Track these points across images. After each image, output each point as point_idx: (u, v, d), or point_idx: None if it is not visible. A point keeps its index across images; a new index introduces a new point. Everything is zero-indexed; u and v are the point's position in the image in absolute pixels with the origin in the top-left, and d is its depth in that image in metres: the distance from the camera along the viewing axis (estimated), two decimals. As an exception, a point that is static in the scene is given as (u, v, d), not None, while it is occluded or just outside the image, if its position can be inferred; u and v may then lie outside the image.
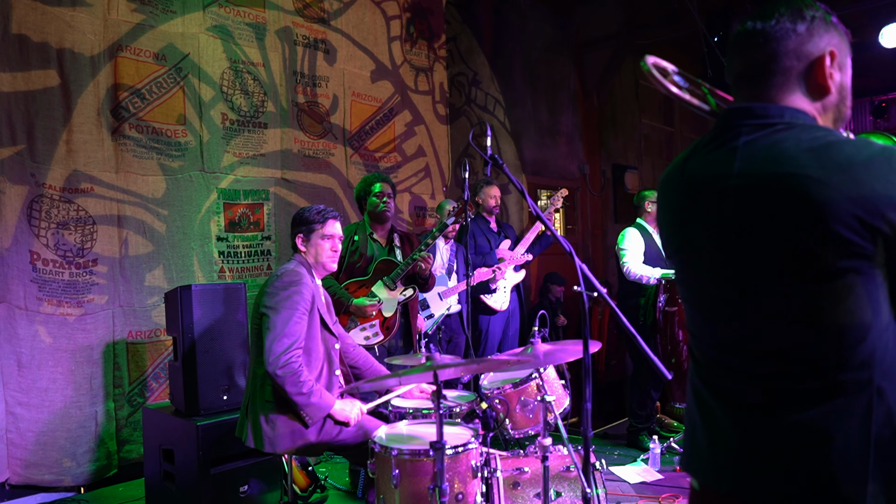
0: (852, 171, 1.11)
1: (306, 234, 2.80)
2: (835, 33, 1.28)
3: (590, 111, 7.69)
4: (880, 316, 1.15)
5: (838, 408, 1.14)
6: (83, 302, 3.80)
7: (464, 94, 6.37)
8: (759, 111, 1.26)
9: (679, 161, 1.40)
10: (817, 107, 1.28)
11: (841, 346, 1.15)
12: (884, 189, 1.10)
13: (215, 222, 4.42)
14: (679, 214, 1.36)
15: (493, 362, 2.29)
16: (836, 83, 1.28)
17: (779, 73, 1.27)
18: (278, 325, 2.56)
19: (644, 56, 1.43)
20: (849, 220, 1.10)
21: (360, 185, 4.11)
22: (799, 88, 1.27)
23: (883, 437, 1.13)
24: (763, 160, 1.20)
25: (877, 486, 1.12)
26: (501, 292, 4.91)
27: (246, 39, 4.59)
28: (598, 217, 7.86)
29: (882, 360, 1.14)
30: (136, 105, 4.04)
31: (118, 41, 3.97)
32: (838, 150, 1.14)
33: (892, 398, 1.14)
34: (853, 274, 1.13)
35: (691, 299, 1.39)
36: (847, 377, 1.14)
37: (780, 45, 1.27)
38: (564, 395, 3.10)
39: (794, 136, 1.19)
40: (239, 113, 4.54)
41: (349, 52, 5.27)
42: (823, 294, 1.15)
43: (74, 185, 3.79)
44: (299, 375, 2.54)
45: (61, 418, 3.71)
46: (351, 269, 3.90)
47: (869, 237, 1.10)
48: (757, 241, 1.20)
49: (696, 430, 1.36)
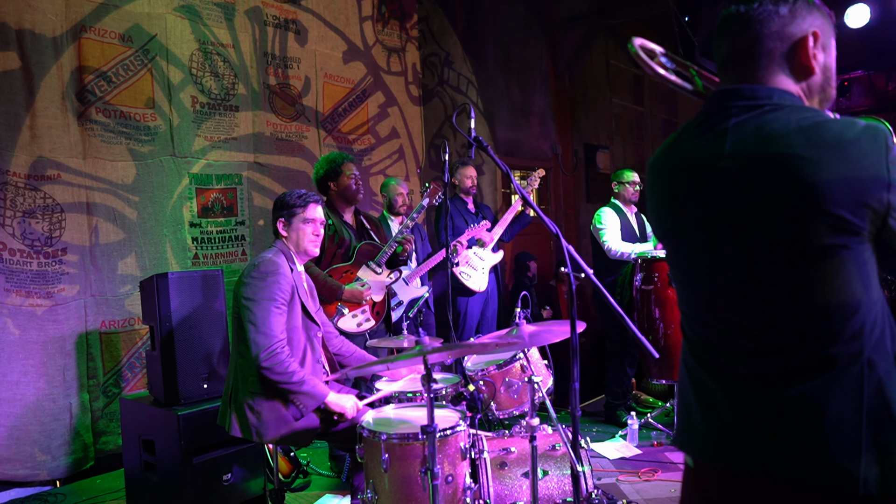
0: (841, 149, 1.14)
1: (287, 219, 2.75)
2: (817, 14, 1.30)
3: (562, 91, 7.69)
4: (870, 290, 1.19)
5: (831, 381, 1.17)
6: (53, 293, 3.70)
7: (436, 75, 6.31)
8: (747, 92, 1.28)
9: (668, 144, 1.41)
10: (802, 87, 1.31)
11: (832, 320, 1.18)
12: (871, 165, 1.13)
13: (188, 208, 4.33)
14: (671, 196, 1.37)
15: (481, 345, 2.29)
16: (819, 64, 1.30)
17: (763, 55, 1.29)
18: (259, 317, 2.53)
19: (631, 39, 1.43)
20: (841, 199, 1.12)
21: (325, 165, 3.87)
22: (783, 70, 1.29)
23: (874, 407, 1.16)
24: (754, 141, 1.22)
25: (870, 455, 1.15)
26: (480, 273, 4.91)
27: (215, 20, 4.47)
28: (571, 197, 7.89)
29: (871, 333, 1.18)
30: (102, 88, 3.91)
31: (81, 21, 3.83)
32: (827, 129, 1.16)
33: (882, 370, 1.18)
34: (844, 250, 1.16)
35: (684, 280, 1.40)
36: (839, 350, 1.18)
37: (764, 28, 1.28)
38: (548, 374, 3.12)
39: (784, 116, 1.21)
40: (209, 96, 4.43)
41: (320, 33, 5.17)
42: (816, 271, 1.18)
43: (40, 171, 3.67)
44: (287, 366, 2.51)
45: (34, 411, 3.62)
46: (331, 254, 3.82)
47: (859, 213, 1.13)
48: (750, 221, 1.22)
49: (690, 408, 1.38)
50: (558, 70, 7.63)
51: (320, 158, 3.99)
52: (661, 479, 3.55)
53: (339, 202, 3.88)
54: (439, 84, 6.31)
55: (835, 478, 1.15)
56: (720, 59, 1.37)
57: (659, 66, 1.46)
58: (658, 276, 4.11)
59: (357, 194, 3.88)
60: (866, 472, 1.14)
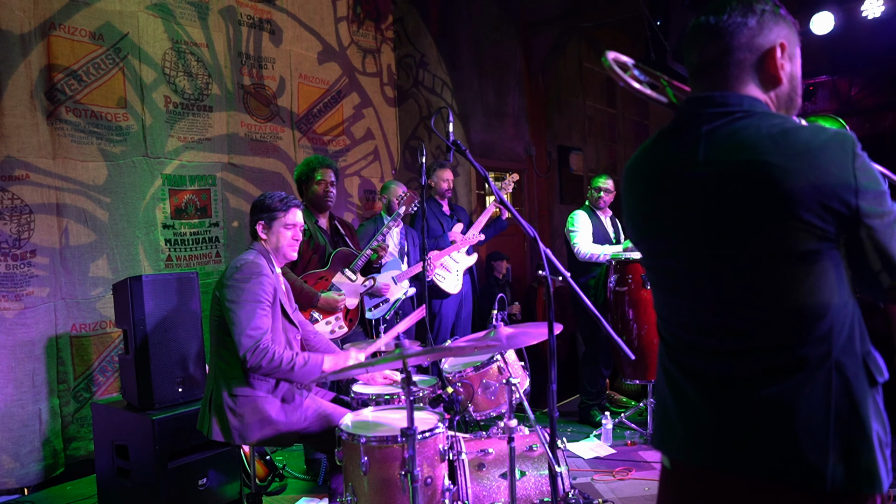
0: (809, 156, 1.18)
1: (268, 222, 2.74)
2: (784, 25, 1.34)
3: (535, 92, 7.75)
4: (839, 293, 1.23)
5: (801, 381, 1.22)
6: (22, 295, 3.62)
7: (411, 76, 6.31)
8: (718, 99, 1.31)
9: (643, 149, 1.44)
10: (771, 96, 1.35)
11: (803, 322, 1.22)
12: (838, 171, 1.17)
13: (161, 209, 4.27)
14: (646, 202, 1.40)
15: (460, 348, 2.30)
16: (786, 73, 1.35)
17: (733, 65, 1.32)
18: (243, 319, 2.51)
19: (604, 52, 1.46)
20: (812, 205, 1.16)
21: (302, 167, 3.87)
22: (752, 79, 1.33)
23: (841, 407, 1.21)
24: (726, 147, 1.26)
25: (837, 453, 1.20)
26: (454, 275, 4.93)
27: (188, 19, 4.42)
28: (545, 198, 7.96)
29: (839, 335, 1.22)
30: (72, 87, 3.84)
31: (50, 18, 3.75)
32: (795, 136, 1.20)
33: (850, 372, 1.22)
34: (815, 255, 1.20)
35: (661, 283, 1.44)
36: (808, 352, 1.22)
37: (733, 39, 1.32)
38: (524, 376, 3.15)
39: (754, 123, 1.25)
40: (183, 96, 4.38)
41: (295, 33, 5.14)
42: (789, 275, 1.22)
43: (8, 172, 3.60)
44: (273, 354, 2.50)
45: (2, 417, 3.55)
46: (307, 259, 3.78)
47: (829, 219, 1.18)
48: (723, 226, 1.26)
49: (667, 409, 1.41)
50: (532, 71, 7.68)
51: (302, 160, 3.96)
52: (635, 478, 3.60)
53: (312, 206, 3.85)
54: (414, 85, 6.31)
55: (805, 474, 1.20)
56: (691, 68, 1.41)
57: (632, 79, 1.50)
58: (632, 278, 4.17)
59: (325, 202, 3.82)
60: (834, 469, 1.19)
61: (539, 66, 7.69)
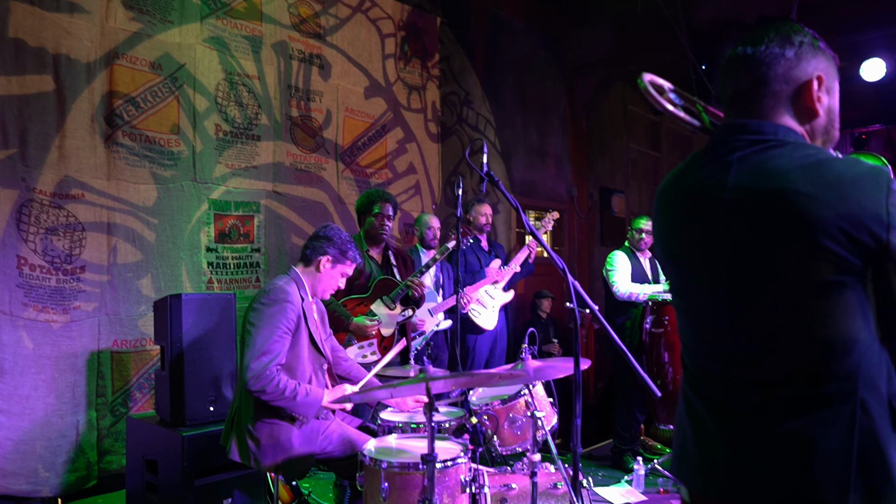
0: (841, 187, 1.15)
1: (335, 260, 2.81)
2: (822, 58, 1.33)
3: (578, 134, 7.78)
4: (866, 330, 1.19)
5: (823, 418, 1.18)
6: (69, 309, 3.76)
7: (455, 114, 6.42)
8: (753, 127, 1.31)
9: (676, 173, 1.44)
10: (807, 128, 1.33)
11: (828, 357, 1.19)
12: (870, 205, 1.14)
13: (205, 233, 4.41)
14: (675, 225, 1.40)
15: (484, 376, 2.30)
16: (824, 106, 1.33)
17: (769, 96, 1.32)
18: (258, 342, 2.56)
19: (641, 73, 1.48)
20: (836, 235, 1.14)
21: (363, 199, 4.03)
22: (788, 111, 1.32)
23: (865, 448, 1.16)
24: (756, 175, 1.24)
25: (858, 496, 1.15)
26: (490, 311, 4.92)
27: (242, 52, 4.62)
28: (585, 239, 7.92)
29: (867, 374, 1.18)
30: (130, 113, 4.04)
31: (115, 49, 3.97)
32: (828, 167, 1.18)
33: (875, 411, 1.18)
34: (841, 288, 1.17)
35: (685, 308, 1.42)
36: (832, 388, 1.18)
37: (770, 70, 1.32)
38: (552, 412, 3.11)
39: (787, 153, 1.24)
40: (233, 124, 4.55)
41: (344, 68, 5.31)
42: (812, 306, 1.19)
43: (65, 190, 3.78)
44: (277, 382, 2.53)
45: (41, 427, 3.65)
46: (349, 285, 3.85)
47: (856, 251, 1.15)
48: (749, 253, 1.25)
49: (686, 438, 1.38)
50: (576, 113, 7.73)
51: (364, 192, 4.12)
52: (665, 526, 3.49)
53: (367, 238, 3.98)
54: (458, 122, 6.42)
55: None
56: (726, 97, 1.41)
57: (667, 102, 1.51)
58: (668, 320, 4.10)
59: (380, 234, 3.94)
60: None
61: (583, 107, 7.73)
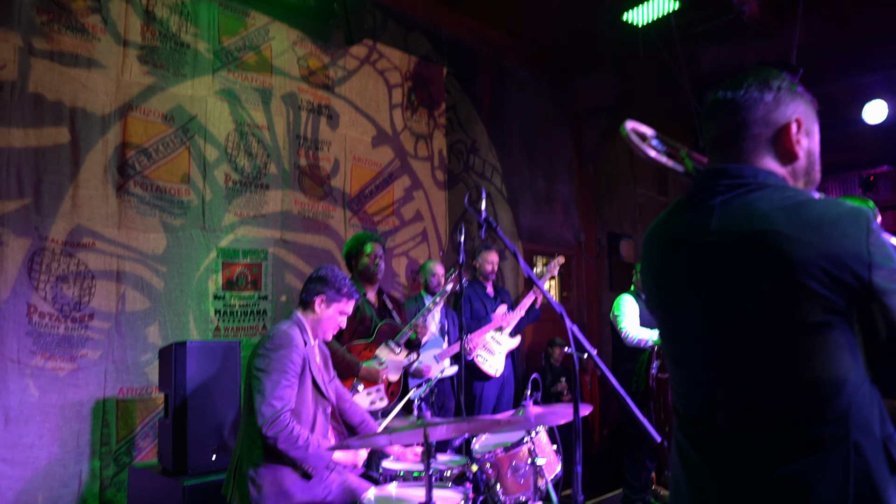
0: (822, 228, 1.17)
1: (329, 299, 2.82)
2: (801, 102, 1.37)
3: (585, 180, 7.85)
4: (855, 371, 1.18)
5: (816, 463, 1.16)
6: (76, 356, 3.79)
7: (462, 161, 6.52)
8: (734, 172, 1.33)
9: (660, 219, 1.46)
10: (788, 170, 1.36)
11: (816, 399, 1.18)
12: (851, 245, 1.15)
13: (213, 280, 4.45)
14: (661, 270, 1.41)
15: (483, 422, 2.28)
16: (803, 149, 1.36)
17: (749, 138, 1.35)
18: (268, 388, 2.56)
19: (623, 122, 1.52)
20: (819, 275, 1.15)
21: (352, 242, 4.14)
22: (769, 153, 1.35)
23: (862, 493, 1.14)
24: (738, 218, 1.26)
25: None
26: (497, 357, 4.90)
27: (252, 103, 4.74)
28: (594, 284, 7.90)
29: (858, 416, 1.17)
30: (142, 163, 4.14)
31: (129, 101, 4.10)
32: (809, 208, 1.20)
33: (870, 454, 1.16)
34: (828, 328, 1.17)
35: (673, 353, 1.42)
36: (823, 432, 1.17)
37: (750, 114, 1.35)
38: (556, 460, 3.06)
39: (767, 195, 1.26)
40: (242, 174, 4.65)
41: (351, 118, 5.43)
42: (799, 347, 1.19)
43: (77, 239, 3.85)
44: (291, 431, 2.52)
45: (44, 476, 3.64)
46: (352, 330, 3.87)
47: (839, 291, 1.15)
48: (734, 296, 1.25)
49: (679, 486, 1.37)
50: (582, 159, 7.81)
51: (352, 236, 4.16)
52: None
53: (361, 279, 4.00)
54: (465, 170, 6.50)
55: None
56: (708, 141, 1.44)
57: (650, 149, 1.54)
58: (675, 365, 4.06)
59: (375, 275, 4.00)
60: None
61: (589, 153, 7.82)
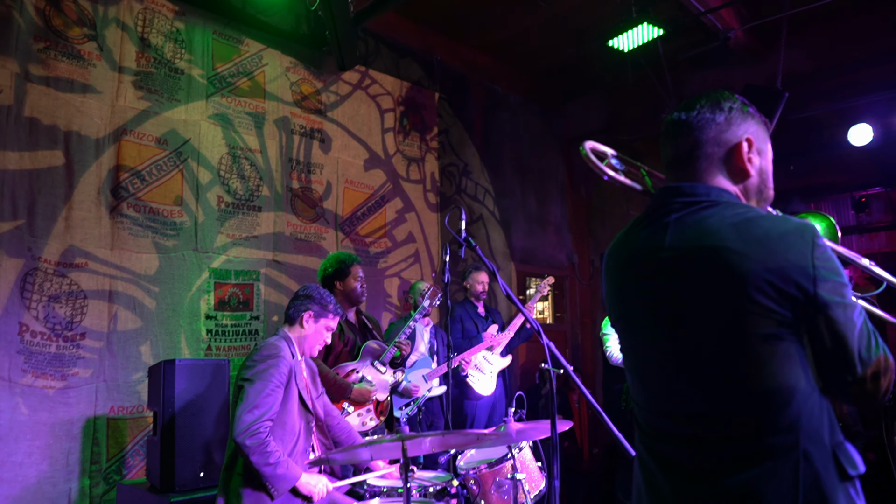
0: (768, 243, 1.23)
1: (317, 315, 2.89)
2: (752, 122, 1.43)
3: (578, 202, 7.94)
4: (804, 381, 1.23)
5: (768, 471, 1.20)
6: (67, 375, 3.82)
7: (454, 184, 6.60)
8: (687, 190, 1.39)
9: (621, 236, 1.52)
10: (740, 188, 1.42)
11: (767, 408, 1.22)
12: (796, 259, 1.21)
13: (205, 300, 4.50)
14: (620, 285, 1.47)
15: (463, 436, 2.32)
16: (755, 167, 1.42)
17: (702, 157, 1.41)
18: (251, 395, 2.61)
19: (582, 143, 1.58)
20: (766, 288, 1.20)
21: (334, 265, 4.00)
22: (721, 172, 1.41)
23: (811, 501, 1.18)
24: (691, 234, 1.32)
25: None
26: (488, 377, 4.93)
27: (245, 127, 4.83)
28: (587, 305, 7.94)
29: (808, 425, 1.21)
30: (135, 186, 4.21)
31: (123, 125, 4.19)
32: (757, 224, 1.26)
33: (819, 463, 1.20)
34: (777, 340, 1.22)
35: (633, 365, 1.47)
36: (775, 440, 1.21)
37: (702, 134, 1.42)
38: (541, 477, 3.09)
39: (719, 212, 1.32)
40: (234, 196, 4.72)
41: (344, 142, 5.52)
42: (750, 359, 1.23)
43: (69, 259, 3.91)
44: (266, 445, 2.55)
45: (33, 494, 3.65)
46: (337, 352, 3.89)
47: (786, 304, 1.20)
48: (687, 310, 1.31)
49: (641, 495, 1.41)
50: (574, 181, 7.90)
51: (329, 256, 4.17)
52: None
53: (342, 301, 4.00)
54: (457, 192, 6.59)
55: None
56: (665, 161, 1.51)
57: (608, 168, 1.61)
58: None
59: (361, 296, 4.02)
60: None
61: (581, 175, 7.91)
